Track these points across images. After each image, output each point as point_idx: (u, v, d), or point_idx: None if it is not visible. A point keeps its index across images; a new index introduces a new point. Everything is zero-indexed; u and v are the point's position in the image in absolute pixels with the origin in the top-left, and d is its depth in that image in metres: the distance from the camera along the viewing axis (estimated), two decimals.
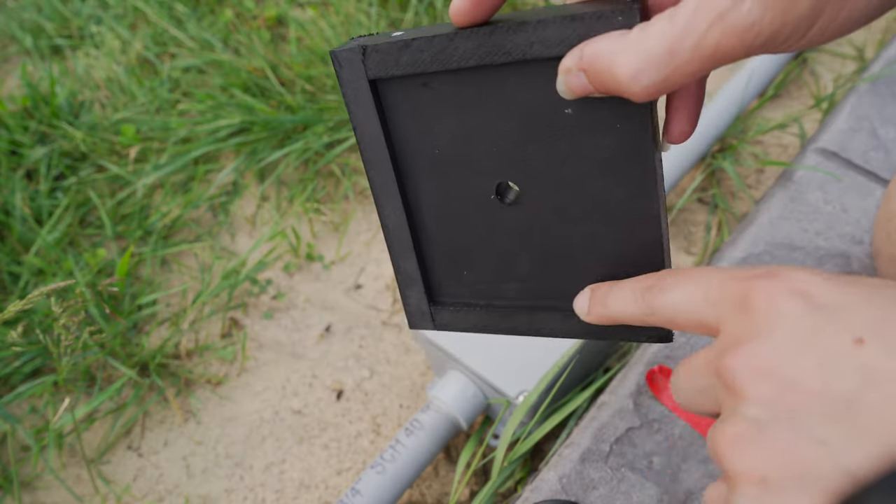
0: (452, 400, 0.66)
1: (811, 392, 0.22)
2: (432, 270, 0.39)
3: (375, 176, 0.36)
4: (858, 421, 0.21)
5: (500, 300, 0.38)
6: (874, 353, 0.21)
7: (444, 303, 0.39)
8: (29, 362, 0.85)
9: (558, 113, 0.30)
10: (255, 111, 1.03)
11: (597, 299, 0.33)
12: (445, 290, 0.39)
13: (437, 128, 0.34)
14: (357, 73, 0.33)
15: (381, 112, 0.34)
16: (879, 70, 0.88)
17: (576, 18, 0.27)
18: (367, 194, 1.01)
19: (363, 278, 0.92)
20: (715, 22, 0.23)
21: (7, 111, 1.11)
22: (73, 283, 0.83)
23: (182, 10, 1.29)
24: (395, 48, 0.32)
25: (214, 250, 0.98)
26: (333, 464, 0.77)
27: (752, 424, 0.23)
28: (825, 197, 0.74)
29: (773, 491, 0.22)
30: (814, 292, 0.24)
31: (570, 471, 0.58)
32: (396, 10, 1.18)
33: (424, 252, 0.38)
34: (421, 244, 0.38)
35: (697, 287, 0.27)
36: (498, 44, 0.29)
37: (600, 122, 0.30)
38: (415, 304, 0.40)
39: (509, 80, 0.31)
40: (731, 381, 0.24)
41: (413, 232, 0.37)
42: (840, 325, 0.22)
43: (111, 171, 1.06)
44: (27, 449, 0.82)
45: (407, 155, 0.35)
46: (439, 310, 0.39)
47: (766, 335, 0.23)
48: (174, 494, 0.77)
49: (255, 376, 0.85)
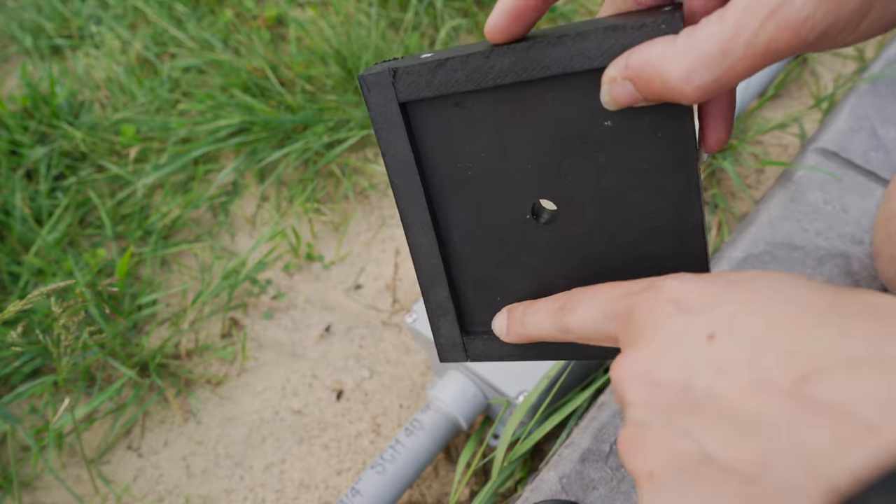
0: (452, 400, 0.66)
1: (675, 389, 0.24)
2: (464, 299, 0.38)
3: (406, 203, 0.35)
4: (716, 409, 0.22)
5: None
6: (723, 346, 0.23)
7: (476, 332, 0.38)
8: (29, 362, 0.85)
9: (597, 126, 0.30)
10: (255, 111, 1.03)
11: (515, 319, 0.34)
12: (478, 318, 0.38)
13: (469, 148, 0.33)
14: (386, 96, 0.32)
15: (412, 136, 0.33)
16: (879, 70, 0.88)
17: (617, 29, 0.27)
18: (367, 194, 1.01)
19: (363, 278, 0.92)
20: (768, 18, 0.23)
21: (7, 111, 1.11)
22: (73, 283, 0.83)
23: (182, 10, 1.29)
24: (427, 69, 0.31)
25: (214, 250, 0.98)
26: (333, 464, 0.77)
27: (637, 426, 0.25)
28: (825, 197, 0.74)
29: (661, 485, 0.23)
30: (684, 298, 0.26)
31: (570, 471, 0.58)
32: (396, 10, 1.18)
33: (456, 280, 0.37)
34: (452, 272, 0.37)
35: (599, 304, 0.29)
36: (536, 59, 0.29)
37: (640, 132, 0.29)
38: (446, 336, 0.38)
39: (547, 95, 0.30)
40: (617, 388, 0.26)
41: (444, 259, 0.36)
42: (698, 323, 0.24)
43: (111, 171, 1.06)
44: (27, 449, 0.82)
45: (438, 179, 0.34)
46: (472, 340, 0.38)
47: (643, 343, 0.26)
48: (174, 494, 0.77)
49: (255, 376, 0.85)
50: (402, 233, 0.95)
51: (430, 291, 0.37)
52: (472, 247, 0.36)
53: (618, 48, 0.27)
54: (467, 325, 0.38)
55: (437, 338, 0.39)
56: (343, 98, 1.03)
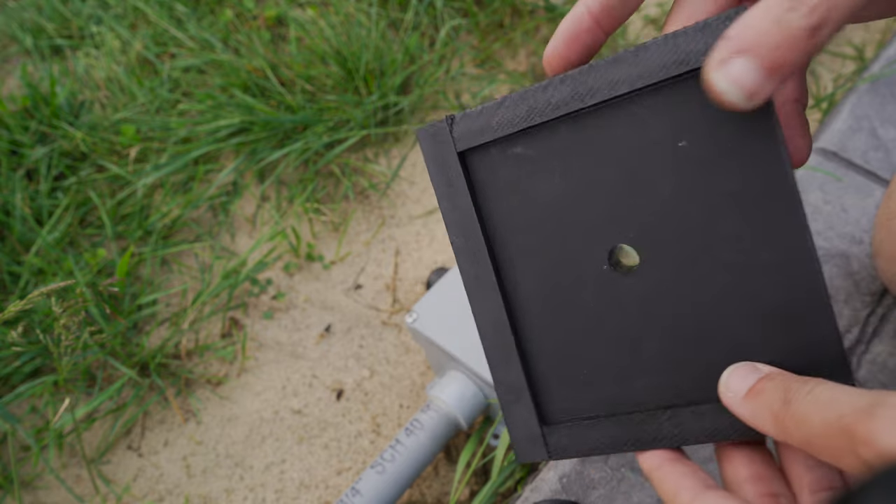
0: (452, 400, 0.66)
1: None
2: (542, 378, 0.32)
3: (468, 265, 0.31)
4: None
5: (628, 405, 0.31)
6: None
7: (558, 420, 0.32)
8: (29, 362, 0.85)
9: (671, 148, 0.27)
10: (255, 111, 1.03)
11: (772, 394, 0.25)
12: (559, 402, 0.32)
13: (534, 195, 0.30)
14: (444, 146, 0.31)
15: (472, 188, 0.31)
16: (879, 70, 0.88)
17: (677, 35, 0.25)
18: (367, 194, 1.01)
19: (363, 278, 0.92)
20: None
21: (7, 111, 1.11)
22: (73, 283, 0.83)
23: (182, 10, 1.29)
24: (485, 111, 0.30)
25: (214, 250, 0.98)
26: (333, 464, 0.77)
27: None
28: (825, 197, 0.74)
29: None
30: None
31: (570, 470, 0.58)
32: (396, 10, 1.18)
33: (529, 354, 0.32)
34: (524, 345, 0.32)
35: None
36: (597, 81, 0.27)
37: (723, 148, 0.26)
38: (522, 428, 0.32)
39: (612, 122, 0.28)
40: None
41: (515, 332, 0.32)
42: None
43: (111, 171, 1.06)
44: (27, 449, 0.82)
45: (502, 234, 0.31)
46: (553, 431, 0.32)
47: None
48: (174, 494, 0.77)
49: (255, 376, 0.85)
50: (402, 232, 0.95)
51: (500, 371, 0.32)
52: (547, 312, 0.31)
53: (682, 54, 0.25)
54: (547, 413, 0.33)
55: (512, 430, 0.33)
56: (343, 98, 1.03)
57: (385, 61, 1.06)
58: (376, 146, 1.05)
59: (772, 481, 0.28)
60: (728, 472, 0.29)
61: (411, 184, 1.00)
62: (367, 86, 1.05)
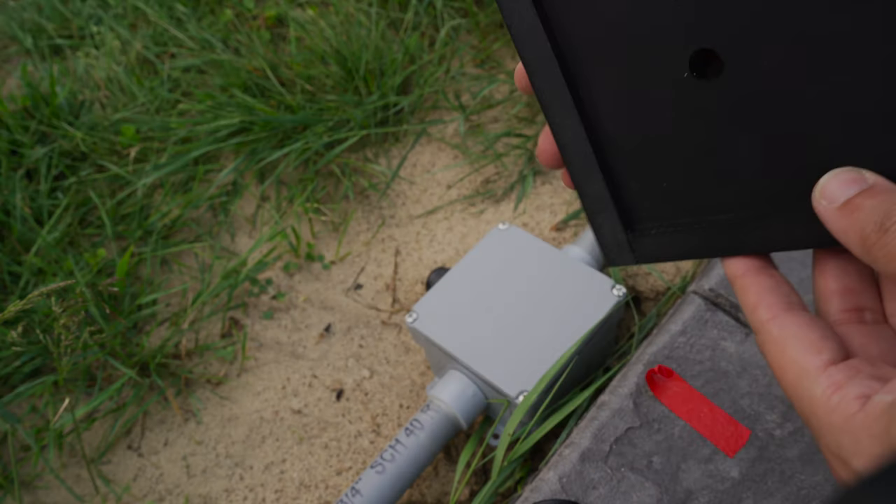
0: (452, 400, 0.66)
1: None
2: (624, 188, 0.32)
3: (540, 81, 0.30)
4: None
5: (716, 212, 0.30)
6: None
7: (643, 229, 0.32)
8: (29, 362, 0.85)
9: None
10: (255, 111, 1.03)
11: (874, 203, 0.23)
12: (643, 211, 0.32)
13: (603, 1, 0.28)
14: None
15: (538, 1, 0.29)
16: None
17: None
18: (367, 194, 1.01)
19: (363, 278, 0.92)
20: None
21: (7, 111, 1.11)
22: (73, 283, 0.83)
23: (182, 10, 1.29)
24: None
25: (214, 250, 0.98)
26: (333, 464, 0.77)
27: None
28: None
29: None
30: None
31: (570, 471, 0.58)
32: (396, 9, 1.18)
33: (611, 166, 0.31)
34: (606, 156, 0.31)
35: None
36: None
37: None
38: (608, 236, 0.32)
39: None
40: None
41: (594, 144, 0.31)
42: None
43: (111, 170, 1.06)
44: (27, 449, 0.82)
45: (572, 47, 0.30)
46: (638, 238, 0.32)
47: None
48: (174, 494, 0.77)
49: (255, 376, 0.85)
50: (402, 232, 0.95)
51: (583, 184, 0.32)
52: (626, 124, 0.30)
53: None
54: (632, 220, 0.32)
55: (600, 238, 0.33)
56: (343, 98, 1.03)
57: (385, 61, 1.06)
58: (376, 146, 1.05)
59: (861, 295, 0.27)
60: (819, 284, 0.28)
61: (411, 184, 1.01)
62: (367, 86, 1.05)
